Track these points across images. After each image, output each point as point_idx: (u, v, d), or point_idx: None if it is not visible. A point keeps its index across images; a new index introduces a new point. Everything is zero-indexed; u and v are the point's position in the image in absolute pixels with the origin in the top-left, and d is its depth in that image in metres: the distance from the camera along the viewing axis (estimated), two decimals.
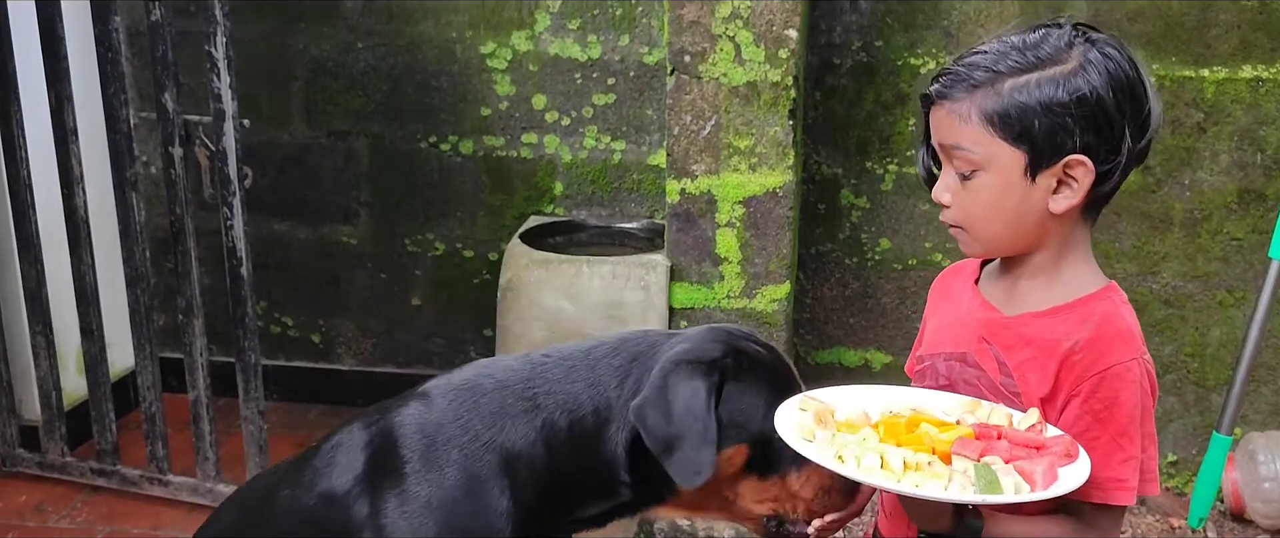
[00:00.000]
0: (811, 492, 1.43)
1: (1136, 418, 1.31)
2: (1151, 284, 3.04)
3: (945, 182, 1.35)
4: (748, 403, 1.43)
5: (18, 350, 2.94)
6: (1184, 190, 2.96)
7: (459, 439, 1.48)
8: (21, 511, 2.81)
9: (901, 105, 3.05)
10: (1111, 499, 1.31)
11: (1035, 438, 1.26)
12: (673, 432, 1.40)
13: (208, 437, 2.76)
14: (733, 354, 1.46)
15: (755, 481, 1.45)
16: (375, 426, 1.54)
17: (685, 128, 2.74)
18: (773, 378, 1.46)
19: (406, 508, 1.46)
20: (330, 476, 1.53)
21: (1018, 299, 1.39)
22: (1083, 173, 1.30)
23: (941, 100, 1.32)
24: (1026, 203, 1.32)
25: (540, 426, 1.48)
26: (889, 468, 1.22)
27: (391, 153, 3.30)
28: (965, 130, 1.30)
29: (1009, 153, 1.29)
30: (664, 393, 1.41)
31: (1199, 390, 3.08)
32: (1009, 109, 1.28)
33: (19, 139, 2.72)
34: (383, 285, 3.40)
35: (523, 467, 1.48)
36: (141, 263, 2.73)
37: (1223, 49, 2.86)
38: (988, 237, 1.36)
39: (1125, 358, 1.31)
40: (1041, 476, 1.20)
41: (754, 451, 1.43)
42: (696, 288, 2.83)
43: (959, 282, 1.50)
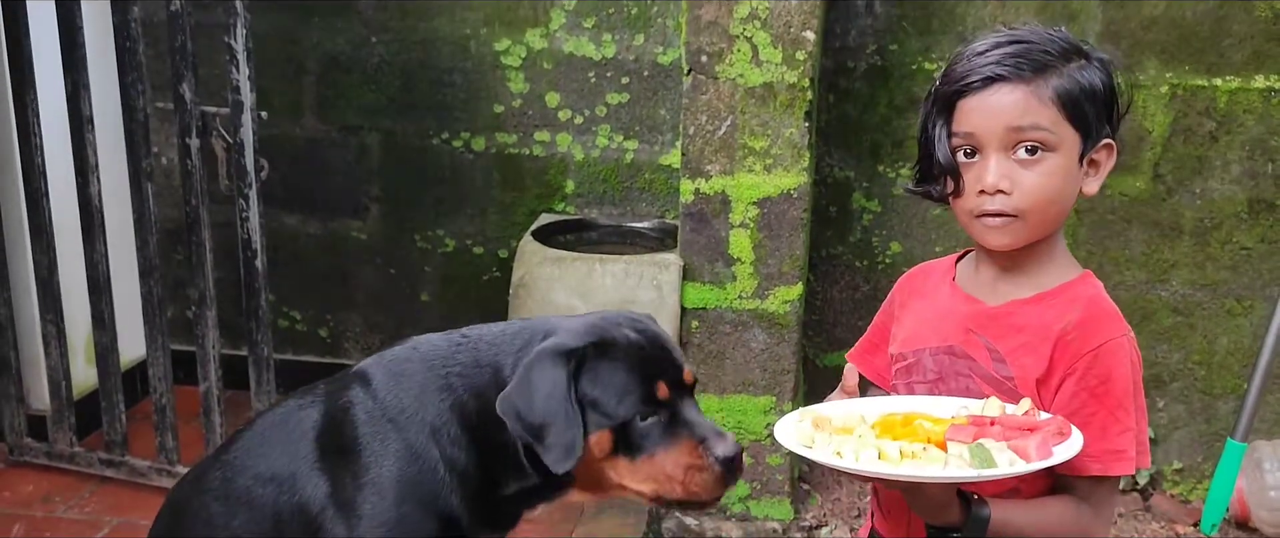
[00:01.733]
0: (681, 472, 1.47)
1: (1130, 391, 1.36)
2: (1161, 292, 3.05)
3: (1001, 167, 1.34)
4: (605, 389, 1.47)
5: (28, 339, 2.94)
6: (1195, 199, 2.98)
7: (398, 418, 1.54)
8: (29, 500, 2.81)
9: (914, 109, 3.06)
10: (1111, 470, 1.35)
11: (1028, 421, 1.30)
12: (537, 420, 1.46)
13: (218, 429, 2.76)
14: (594, 342, 1.50)
15: (627, 462, 1.49)
16: (315, 407, 1.59)
17: (701, 128, 2.75)
18: (632, 362, 1.49)
19: (362, 482, 1.52)
20: (268, 457, 1.58)
21: (1002, 289, 1.43)
22: (1106, 156, 1.39)
23: (1016, 80, 1.33)
24: (1075, 188, 1.38)
25: (452, 405, 1.54)
26: (887, 458, 1.25)
27: (403, 148, 3.30)
28: (1043, 111, 1.33)
29: (1072, 136, 1.35)
30: (527, 384, 1.47)
31: (1206, 398, 3.09)
32: (1074, 92, 1.33)
33: (35, 126, 2.72)
34: (392, 281, 3.41)
35: (448, 443, 1.54)
36: (155, 253, 2.73)
37: (1236, 59, 2.88)
38: (1039, 224, 1.37)
39: (1115, 335, 1.36)
40: (1036, 449, 1.24)
41: (618, 434, 1.47)
42: (709, 288, 2.84)
43: (932, 280, 1.53)
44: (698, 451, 1.47)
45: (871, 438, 1.29)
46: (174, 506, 1.73)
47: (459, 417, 1.54)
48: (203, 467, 1.70)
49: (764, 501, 2.95)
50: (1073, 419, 1.33)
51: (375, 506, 1.52)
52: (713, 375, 2.89)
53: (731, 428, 2.92)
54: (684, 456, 1.47)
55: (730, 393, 2.89)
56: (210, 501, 1.62)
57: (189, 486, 1.70)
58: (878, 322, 1.61)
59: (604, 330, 1.52)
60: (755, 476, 2.95)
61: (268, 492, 1.57)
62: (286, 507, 1.56)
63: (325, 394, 1.61)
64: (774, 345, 2.85)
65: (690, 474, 1.47)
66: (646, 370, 1.49)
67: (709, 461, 1.46)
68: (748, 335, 2.86)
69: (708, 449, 1.47)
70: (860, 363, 1.59)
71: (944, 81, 1.39)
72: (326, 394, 1.61)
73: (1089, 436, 1.32)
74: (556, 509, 2.89)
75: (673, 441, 1.47)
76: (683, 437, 1.48)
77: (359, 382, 1.59)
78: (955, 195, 1.39)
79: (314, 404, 1.60)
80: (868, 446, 1.27)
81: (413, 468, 1.53)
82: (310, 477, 1.55)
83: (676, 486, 1.48)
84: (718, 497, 1.50)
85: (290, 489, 1.56)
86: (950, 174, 1.39)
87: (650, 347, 1.52)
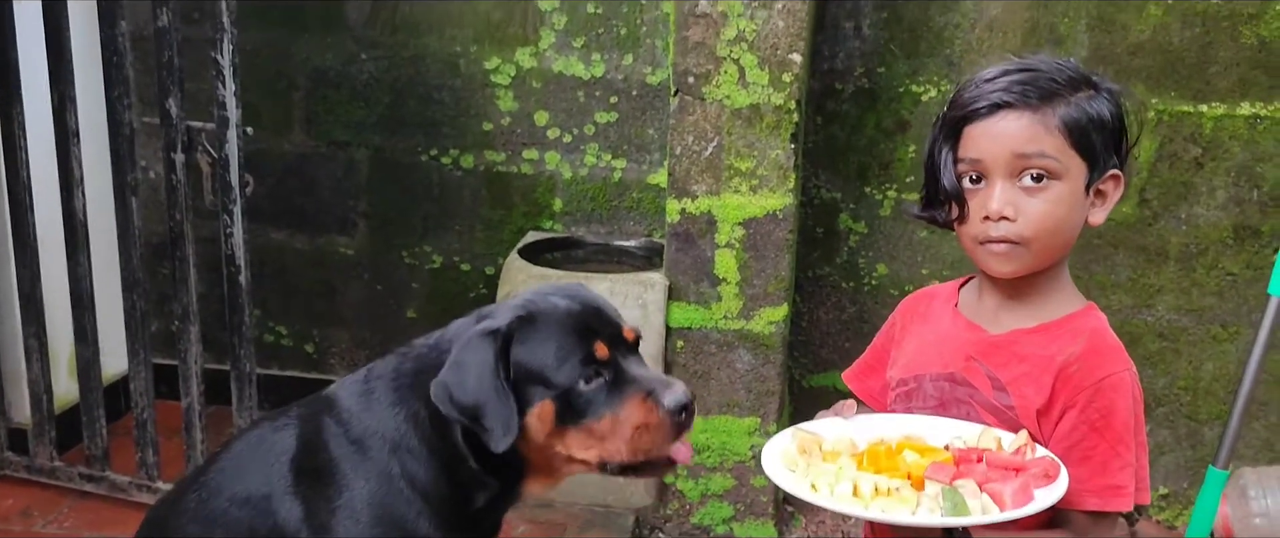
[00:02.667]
0: (629, 431, 1.44)
1: (1131, 426, 1.35)
2: (1146, 317, 3.05)
3: (1006, 194, 1.34)
4: (538, 358, 1.46)
5: (9, 352, 2.93)
6: (1180, 224, 2.98)
7: (362, 439, 1.54)
8: (8, 515, 2.79)
9: (902, 132, 3.07)
10: (1110, 506, 1.34)
11: (1015, 460, 1.29)
12: (471, 401, 1.45)
13: (199, 445, 2.74)
14: (522, 316, 1.49)
15: (572, 430, 1.47)
16: (287, 430, 1.60)
17: (687, 148, 2.75)
18: (565, 328, 1.48)
19: (335, 506, 1.52)
20: (243, 479, 1.58)
21: (1005, 318, 1.42)
22: (1113, 187, 1.38)
23: (1022, 107, 1.33)
24: (1081, 217, 1.38)
25: (406, 418, 1.54)
26: (859, 495, 1.25)
27: (392, 165, 3.30)
28: (1050, 139, 1.32)
29: (1078, 164, 1.34)
30: (457, 367, 1.47)
31: (1191, 424, 3.09)
32: (1082, 121, 1.33)
33: (20, 139, 2.71)
34: (378, 297, 3.40)
35: (408, 458, 1.53)
36: (138, 267, 2.72)
37: (1221, 85, 2.89)
38: (1044, 252, 1.37)
39: (1118, 369, 1.35)
40: (1011, 496, 1.23)
41: (559, 403, 1.46)
42: (694, 308, 2.84)
43: (935, 305, 1.52)
44: (647, 404, 1.44)
45: (851, 470, 1.28)
46: (151, 525, 1.73)
47: (415, 428, 1.54)
48: (180, 489, 1.71)
49: (748, 522, 2.94)
50: (1072, 453, 1.32)
51: (348, 529, 1.52)
52: (697, 396, 2.87)
53: (716, 449, 2.91)
54: (635, 413, 1.44)
55: (715, 414, 2.89)
56: (187, 522, 1.63)
57: (166, 507, 1.71)
58: (877, 344, 1.61)
59: (532, 303, 1.51)
60: (739, 498, 2.94)
61: (243, 514, 1.58)
62: (262, 529, 1.57)
63: (297, 418, 1.62)
64: (759, 366, 2.85)
65: (638, 435, 1.44)
66: (582, 334, 1.47)
67: (660, 414, 1.43)
68: (733, 356, 2.86)
69: (656, 401, 1.44)
70: (855, 384, 1.59)
71: (951, 107, 1.39)
72: (298, 418, 1.62)
73: (1088, 470, 1.31)
74: (538, 529, 2.89)
75: (620, 400, 1.44)
76: (629, 394, 1.45)
77: (326, 406, 1.60)
78: (960, 221, 1.39)
79: (286, 428, 1.61)
80: (845, 479, 1.26)
81: (381, 489, 1.53)
82: (285, 501, 1.56)
83: (624, 447, 1.45)
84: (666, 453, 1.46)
85: (266, 512, 1.57)
86: (955, 200, 1.39)
87: (584, 310, 1.50)
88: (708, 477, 2.93)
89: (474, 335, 1.48)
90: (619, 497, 2.93)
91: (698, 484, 2.94)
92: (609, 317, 1.52)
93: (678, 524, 2.97)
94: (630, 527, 2.85)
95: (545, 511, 2.91)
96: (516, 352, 1.46)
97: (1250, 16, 2.83)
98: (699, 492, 2.94)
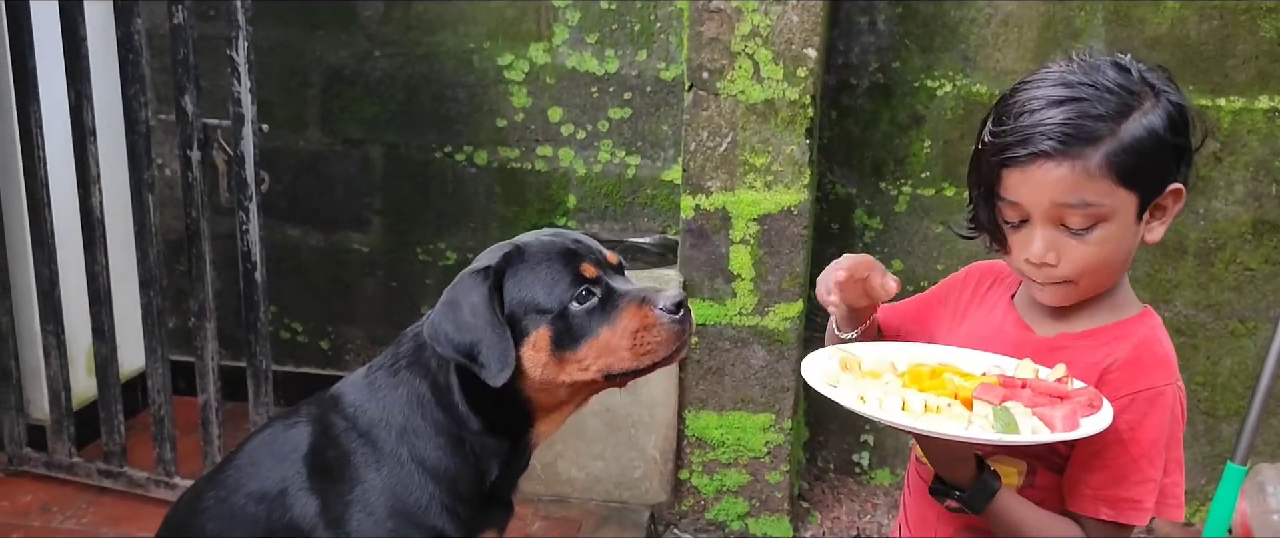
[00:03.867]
0: (629, 340, 1.47)
1: (1161, 443, 1.31)
2: (1164, 313, 3.02)
3: (1047, 241, 1.29)
4: (528, 288, 1.49)
5: (28, 349, 2.94)
6: (1198, 219, 2.96)
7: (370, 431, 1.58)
8: (27, 510, 2.80)
9: (917, 127, 3.06)
10: (1122, 517, 1.31)
11: (1059, 388, 1.27)
12: (467, 338, 1.47)
13: (216, 441, 2.76)
14: (508, 254, 1.52)
15: (571, 353, 1.50)
16: (298, 427, 1.63)
17: (702, 144, 2.75)
18: (552, 257, 1.51)
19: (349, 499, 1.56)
20: (258, 477, 1.62)
21: (1055, 321, 1.39)
22: (1174, 200, 1.31)
23: (1061, 156, 1.25)
24: (1134, 243, 1.32)
25: (408, 399, 1.57)
26: (909, 409, 1.23)
27: (406, 162, 3.31)
28: (1091, 186, 1.25)
29: (1126, 197, 1.27)
30: (450, 307, 1.50)
31: (1209, 420, 3.07)
32: (1129, 155, 1.25)
33: (38, 138, 2.73)
34: (393, 294, 3.41)
35: (417, 440, 1.56)
36: (155, 264, 2.73)
37: (1240, 79, 2.87)
38: (1093, 286, 1.33)
39: (1159, 383, 1.31)
40: (1061, 420, 1.21)
41: (555, 327, 1.48)
42: (709, 304, 2.83)
43: (996, 291, 1.48)
44: (643, 310, 1.47)
45: (897, 387, 1.27)
46: (171, 525, 1.75)
47: (418, 408, 1.57)
48: (198, 488, 1.75)
49: (763, 518, 2.94)
50: (1094, 459, 1.30)
51: (361, 522, 1.55)
52: (712, 392, 2.88)
53: (730, 445, 2.91)
54: (631, 320, 1.47)
55: (729, 410, 2.89)
56: (206, 520, 1.66)
57: (185, 506, 1.74)
58: (929, 293, 1.56)
59: (517, 242, 1.55)
60: (754, 494, 2.93)
61: (260, 510, 1.61)
62: (279, 524, 1.60)
63: (308, 416, 1.65)
64: (773, 362, 2.84)
65: (640, 337, 1.47)
66: (567, 260, 1.50)
67: (657, 315, 1.46)
68: (747, 352, 2.85)
69: (651, 304, 1.46)
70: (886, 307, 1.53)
71: (992, 140, 1.31)
72: (309, 416, 1.65)
73: (1105, 479, 1.30)
74: (554, 525, 2.89)
75: (615, 312, 1.48)
76: (623, 304, 1.48)
77: (333, 402, 1.63)
78: (1004, 252, 1.37)
79: (297, 425, 1.65)
80: (893, 394, 1.25)
81: (393, 478, 1.55)
82: (299, 496, 1.59)
83: (626, 354, 1.48)
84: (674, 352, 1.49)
85: (281, 508, 1.60)
86: (994, 236, 1.36)
87: (566, 242, 1.53)
88: (723, 473, 2.93)
89: (464, 276, 1.51)
90: (634, 493, 2.93)
91: (713, 480, 2.94)
92: (591, 245, 1.55)
93: (693, 520, 2.97)
94: (645, 523, 2.85)
95: (560, 507, 2.91)
96: (508, 286, 1.50)
97: (1269, 10, 2.81)
98: (714, 488, 2.94)
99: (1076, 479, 1.34)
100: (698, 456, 2.93)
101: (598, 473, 2.94)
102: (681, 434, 2.92)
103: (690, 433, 2.92)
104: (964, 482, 1.31)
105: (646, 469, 2.92)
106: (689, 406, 2.90)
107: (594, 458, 2.93)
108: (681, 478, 2.95)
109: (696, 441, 2.92)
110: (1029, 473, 1.38)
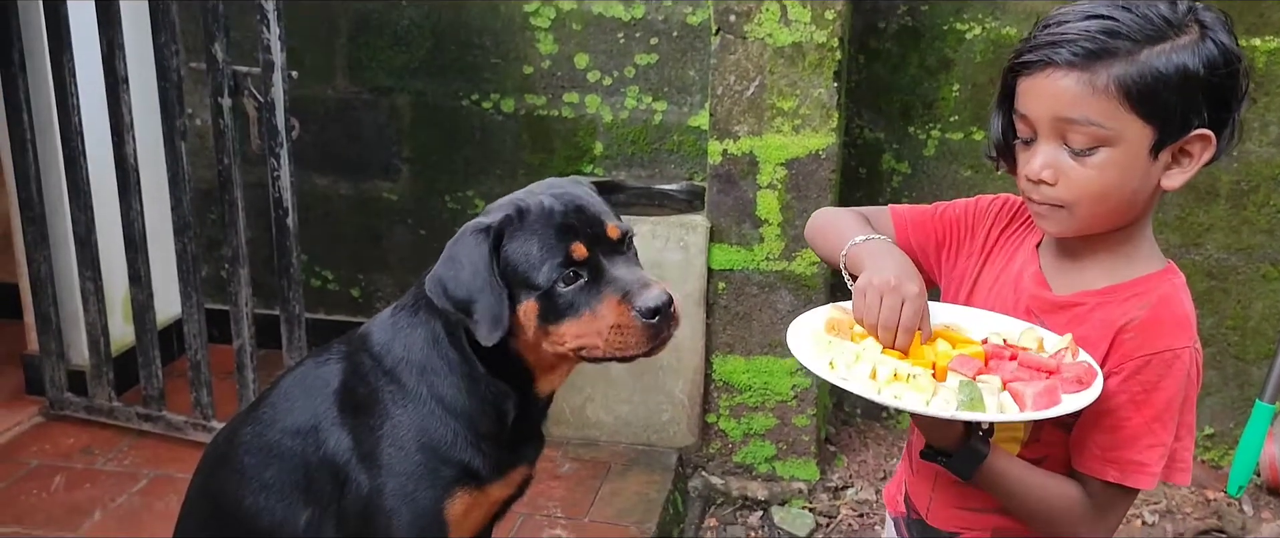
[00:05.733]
0: (605, 330, 1.50)
1: (1175, 406, 1.27)
2: (1194, 256, 3.01)
3: (1047, 157, 1.25)
4: (521, 259, 1.51)
5: (67, 296, 3.00)
6: (1231, 161, 2.93)
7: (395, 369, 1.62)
8: (69, 453, 2.87)
9: (946, 70, 3.03)
10: (1129, 480, 1.28)
11: (1049, 362, 1.23)
12: (464, 295, 1.50)
13: (251, 385, 2.81)
14: (509, 215, 1.53)
15: (553, 327, 1.52)
16: (330, 365, 1.68)
17: (729, 88, 2.74)
18: (544, 230, 1.51)
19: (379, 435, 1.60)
20: (293, 413, 1.67)
21: (1074, 275, 1.34)
22: (1201, 148, 1.24)
23: (1069, 67, 1.20)
24: (1144, 181, 1.25)
25: (426, 339, 1.61)
26: (876, 379, 1.20)
27: (433, 109, 3.32)
28: (1097, 103, 1.20)
29: (1139, 128, 1.21)
30: (452, 261, 1.52)
31: (1239, 364, 3.06)
32: (1147, 80, 1.19)
33: (71, 86, 2.76)
34: (422, 242, 3.43)
35: (437, 379, 1.60)
36: (189, 211, 2.77)
37: (1275, 18, 2.82)
38: (1091, 217, 1.27)
39: (1176, 345, 1.26)
40: (1032, 398, 1.18)
41: (541, 303, 1.51)
42: (736, 249, 2.84)
43: (1027, 240, 1.42)
44: (621, 308, 1.49)
45: (873, 353, 1.23)
46: (210, 459, 1.81)
47: (434, 348, 1.61)
48: (235, 424, 1.79)
49: (790, 461, 2.97)
50: (1104, 419, 1.27)
51: (392, 455, 1.60)
52: (739, 337, 2.90)
53: (758, 390, 2.93)
54: (609, 314, 1.49)
55: (757, 355, 2.90)
56: (243, 454, 1.71)
57: (223, 442, 1.79)
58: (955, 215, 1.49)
59: (520, 201, 1.55)
60: (781, 437, 2.96)
61: (295, 444, 1.66)
62: (314, 458, 1.65)
63: (338, 354, 1.69)
64: (801, 307, 2.85)
65: (612, 334, 1.50)
66: (562, 235, 1.51)
67: (632, 317, 1.48)
68: (775, 297, 2.86)
69: (630, 303, 1.48)
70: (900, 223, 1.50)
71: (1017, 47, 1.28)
72: (339, 354, 1.69)
73: (1115, 441, 1.26)
74: (583, 467, 2.93)
75: (597, 301, 1.50)
76: (605, 295, 1.50)
77: (361, 341, 1.67)
78: (1013, 172, 1.33)
79: (328, 363, 1.69)
80: (865, 362, 1.22)
81: (417, 415, 1.60)
82: (332, 431, 1.64)
83: (600, 342, 1.51)
84: (649, 350, 1.51)
85: (315, 443, 1.65)
86: (1000, 153, 1.33)
87: (566, 211, 1.53)
88: (750, 417, 2.95)
89: (467, 231, 1.53)
90: (662, 436, 2.97)
91: (740, 424, 2.96)
92: (592, 215, 1.54)
93: (720, 463, 3.00)
94: (673, 466, 2.89)
95: (589, 449, 2.95)
96: (505, 249, 1.51)
97: None
98: (741, 431, 2.97)
99: (1084, 439, 1.30)
100: (725, 400, 2.95)
101: (626, 417, 2.97)
102: (709, 379, 2.95)
103: (717, 377, 2.94)
104: (950, 447, 1.29)
105: (674, 413, 2.95)
106: (716, 350, 2.92)
107: (622, 402, 2.96)
108: (709, 422, 2.98)
109: (724, 385, 2.94)
110: (1035, 429, 1.35)
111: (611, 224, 1.54)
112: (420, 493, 1.59)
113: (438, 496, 1.60)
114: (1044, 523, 1.34)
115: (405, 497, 1.59)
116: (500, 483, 1.66)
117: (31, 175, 2.86)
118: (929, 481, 1.47)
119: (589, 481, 2.80)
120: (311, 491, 1.65)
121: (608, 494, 2.75)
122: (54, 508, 2.60)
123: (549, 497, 2.71)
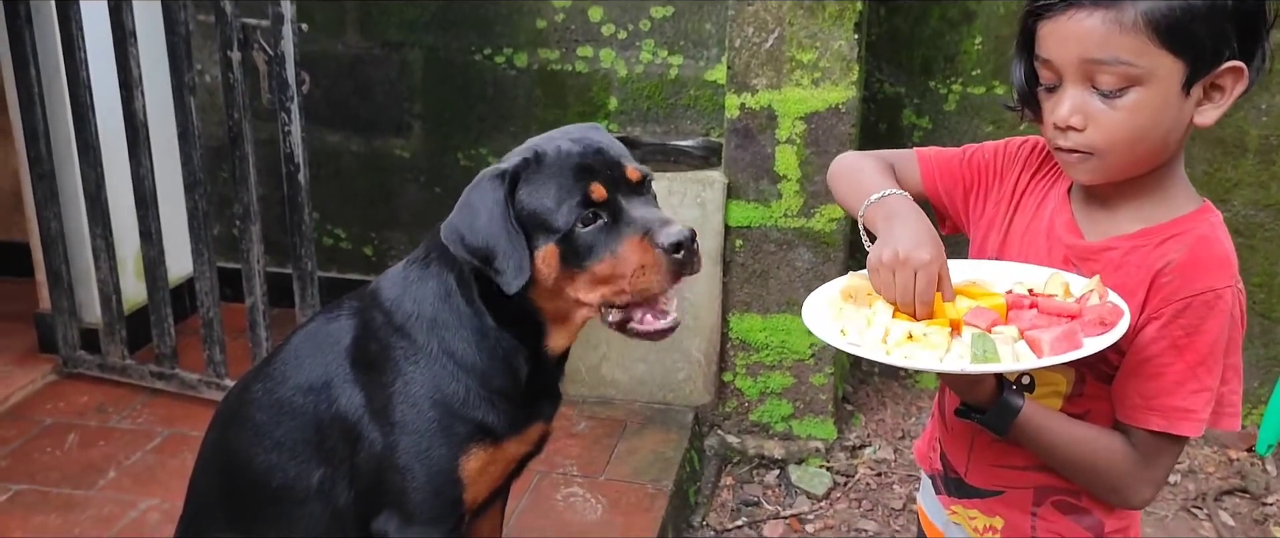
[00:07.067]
0: (629, 271, 1.46)
1: (1220, 349, 1.23)
2: (1221, 212, 2.95)
3: (1074, 102, 1.20)
4: (539, 203, 1.47)
5: (78, 253, 2.97)
6: (1260, 115, 2.87)
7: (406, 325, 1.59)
8: (83, 410, 2.87)
9: (968, 23, 2.96)
10: (1174, 428, 1.23)
11: (1070, 307, 1.19)
12: (482, 243, 1.47)
13: (264, 343, 2.79)
14: (526, 159, 1.49)
15: (578, 273, 1.49)
16: (340, 321, 1.65)
17: (747, 40, 2.68)
18: (563, 172, 1.48)
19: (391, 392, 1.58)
20: (304, 369, 1.65)
21: (1106, 221, 1.30)
22: (1233, 81, 1.19)
23: (1094, 7, 1.16)
24: (1177, 120, 1.20)
25: (437, 293, 1.58)
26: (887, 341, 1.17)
27: (445, 64, 3.27)
28: (1125, 40, 1.15)
29: (1170, 64, 1.16)
30: (468, 208, 1.49)
31: (1265, 322, 3.01)
32: (1176, 13, 1.14)
33: (79, 41, 2.72)
34: (435, 199, 3.40)
35: (448, 334, 1.57)
36: (199, 167, 2.73)
37: None
38: (1124, 162, 1.23)
39: (1218, 285, 1.22)
40: (1049, 344, 1.14)
41: (562, 246, 1.47)
42: (753, 206, 2.80)
43: (1058, 186, 1.37)
44: (643, 245, 1.45)
45: (884, 316, 1.20)
46: (223, 416, 1.79)
47: (445, 301, 1.58)
48: (247, 380, 1.77)
49: (807, 420, 2.94)
50: (1146, 366, 1.23)
51: (405, 412, 1.57)
52: (757, 295, 2.86)
53: (775, 348, 2.90)
54: (632, 253, 1.46)
55: (774, 313, 2.87)
56: (256, 411, 1.69)
57: (235, 398, 1.77)
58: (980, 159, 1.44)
59: (538, 145, 1.52)
60: (798, 396, 2.93)
61: (307, 401, 1.64)
62: (326, 415, 1.63)
63: (349, 310, 1.67)
64: (819, 265, 2.81)
65: (636, 274, 1.46)
66: (579, 176, 1.47)
67: (656, 254, 1.44)
68: (793, 254, 2.82)
69: (653, 240, 1.44)
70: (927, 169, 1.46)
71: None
72: (350, 310, 1.66)
73: (1158, 388, 1.22)
74: (599, 425, 2.91)
75: (617, 243, 1.46)
76: (626, 236, 1.46)
77: (372, 296, 1.64)
78: (1038, 121, 1.28)
79: (339, 319, 1.66)
80: (877, 325, 1.19)
81: (429, 371, 1.57)
82: (344, 388, 1.61)
83: (624, 286, 1.47)
84: (666, 288, 1.48)
85: (327, 399, 1.63)
86: (1024, 102, 1.28)
87: (584, 153, 1.50)
88: (767, 375, 2.92)
89: (483, 178, 1.50)
90: (678, 395, 2.94)
91: (757, 382, 2.93)
92: (611, 157, 1.51)
93: (737, 422, 2.98)
94: (689, 424, 2.87)
95: (605, 408, 2.93)
96: (522, 194, 1.48)
97: None
98: (758, 390, 2.94)
99: (1126, 388, 1.26)
100: (742, 358, 2.92)
101: (642, 375, 2.94)
102: (725, 337, 2.91)
103: (734, 336, 2.91)
104: (983, 403, 1.26)
105: (690, 372, 2.92)
106: (733, 309, 2.89)
107: (638, 361, 2.93)
108: (725, 380, 2.95)
109: (740, 343, 2.91)
110: (1077, 382, 1.31)
111: (631, 166, 1.51)
112: (434, 450, 1.57)
113: (453, 453, 1.57)
114: (1088, 477, 1.30)
115: (419, 455, 1.57)
116: (516, 439, 1.63)
117: (40, 132, 2.83)
118: (966, 439, 1.43)
119: (605, 439, 2.78)
120: (323, 448, 1.63)
121: (624, 453, 2.73)
122: (68, 466, 2.60)
123: (565, 455, 2.70)
